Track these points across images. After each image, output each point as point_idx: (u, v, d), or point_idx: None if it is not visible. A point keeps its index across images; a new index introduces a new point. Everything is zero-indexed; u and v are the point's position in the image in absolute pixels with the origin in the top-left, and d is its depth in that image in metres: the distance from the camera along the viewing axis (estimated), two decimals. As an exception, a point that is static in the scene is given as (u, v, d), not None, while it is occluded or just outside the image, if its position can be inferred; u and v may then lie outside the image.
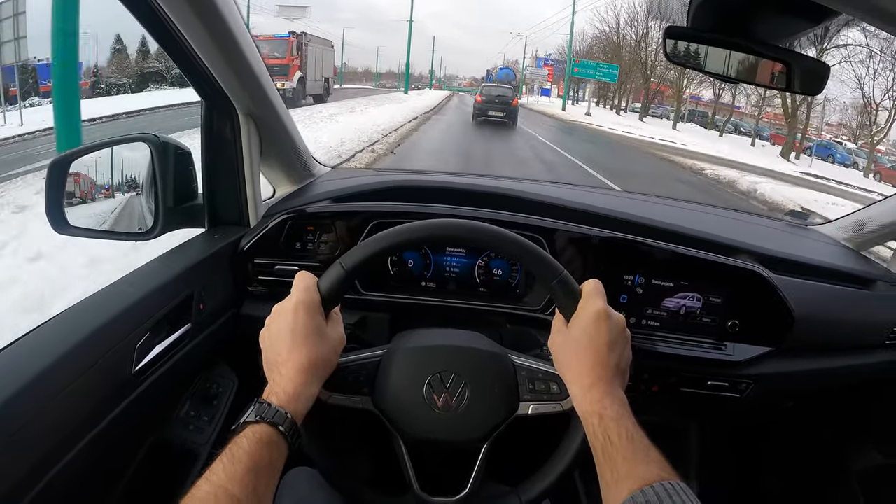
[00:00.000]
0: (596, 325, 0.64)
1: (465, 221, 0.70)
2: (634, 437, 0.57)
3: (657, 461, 0.55)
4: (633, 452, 0.56)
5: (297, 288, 0.65)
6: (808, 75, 0.82)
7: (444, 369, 0.69)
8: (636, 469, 0.54)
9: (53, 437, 0.61)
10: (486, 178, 1.42)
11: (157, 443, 0.85)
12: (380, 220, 0.97)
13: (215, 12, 0.75)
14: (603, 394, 0.61)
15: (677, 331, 0.97)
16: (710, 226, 1.12)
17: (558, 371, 0.68)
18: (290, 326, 0.63)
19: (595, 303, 0.65)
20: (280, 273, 0.97)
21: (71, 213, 0.91)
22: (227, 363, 0.99)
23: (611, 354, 0.63)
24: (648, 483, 0.52)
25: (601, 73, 29.68)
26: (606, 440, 0.58)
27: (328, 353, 0.64)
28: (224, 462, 0.53)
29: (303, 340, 0.62)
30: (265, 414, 0.57)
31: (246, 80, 0.88)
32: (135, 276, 0.84)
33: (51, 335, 0.69)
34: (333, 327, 0.67)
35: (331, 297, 0.66)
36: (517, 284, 1.02)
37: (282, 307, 0.65)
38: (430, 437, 0.69)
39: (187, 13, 0.73)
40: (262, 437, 0.55)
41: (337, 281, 0.66)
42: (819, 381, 1.07)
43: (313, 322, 0.63)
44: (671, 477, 0.53)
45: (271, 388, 0.61)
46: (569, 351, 0.65)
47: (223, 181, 0.97)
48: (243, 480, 0.51)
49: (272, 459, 0.56)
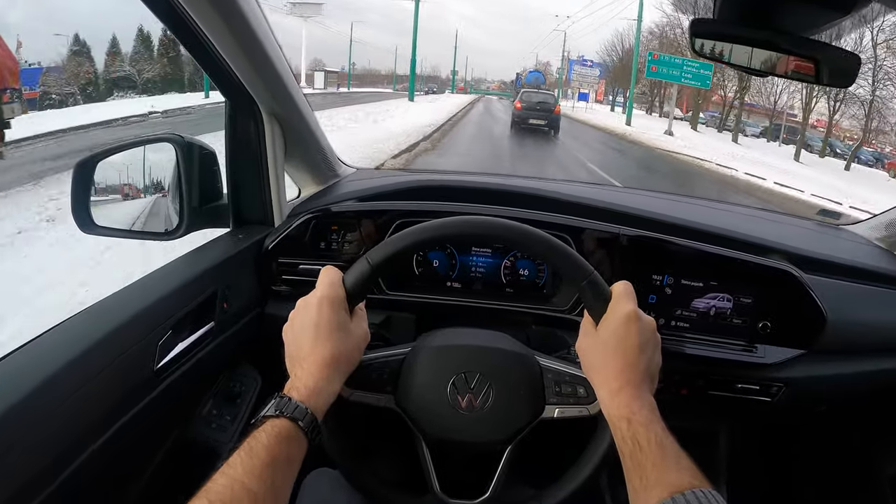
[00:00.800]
0: (626, 328, 0.62)
1: (493, 219, 0.69)
2: (664, 442, 0.56)
3: (688, 468, 0.54)
4: (662, 458, 0.54)
5: (323, 282, 0.65)
6: (837, 68, 0.80)
7: (469, 369, 0.68)
8: (666, 476, 0.53)
9: (74, 433, 0.61)
10: (511, 177, 1.41)
11: (180, 440, 0.85)
12: (405, 219, 0.96)
13: (239, 13, 0.76)
14: (631, 398, 0.60)
15: (707, 332, 0.95)
16: (740, 225, 1.10)
17: (586, 374, 0.66)
18: (313, 321, 0.62)
19: (625, 305, 0.64)
20: (304, 272, 0.97)
21: (96, 213, 0.92)
22: (250, 362, 0.99)
23: (640, 358, 0.62)
24: (679, 490, 0.50)
25: (689, 74, 20.43)
26: (635, 445, 0.56)
27: (351, 349, 0.64)
28: (242, 456, 0.52)
29: (326, 335, 0.62)
30: (285, 408, 0.57)
31: (269, 81, 0.89)
32: (158, 274, 0.84)
33: (73, 331, 0.69)
34: (358, 323, 0.66)
35: (356, 293, 0.66)
36: (544, 285, 1.01)
37: (306, 301, 0.65)
38: (453, 437, 0.68)
39: (211, 14, 0.74)
40: (281, 431, 0.55)
41: (363, 276, 0.66)
42: (851, 385, 1.03)
43: (337, 317, 0.63)
44: (702, 484, 0.51)
45: (292, 382, 0.60)
46: (597, 354, 0.64)
47: (247, 181, 0.98)
48: (261, 475, 0.51)
49: (290, 454, 0.55)
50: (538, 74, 40.20)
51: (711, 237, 1.00)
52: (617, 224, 0.98)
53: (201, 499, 0.48)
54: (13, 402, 0.56)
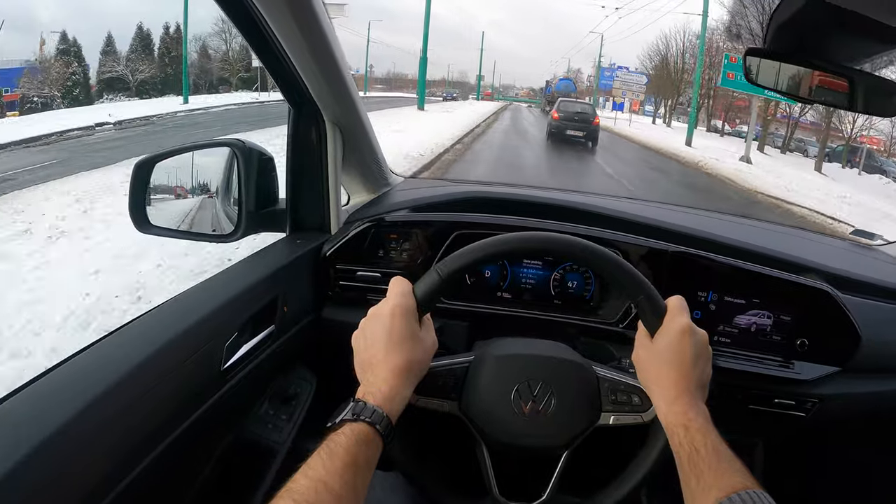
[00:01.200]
0: (680, 341, 0.66)
1: (556, 235, 0.72)
2: (719, 447, 0.59)
3: (741, 471, 0.57)
4: (718, 462, 0.58)
5: (394, 292, 0.67)
6: (874, 95, 0.84)
7: (532, 377, 0.71)
8: (722, 478, 0.56)
9: (144, 431, 0.63)
10: (559, 191, 1.43)
11: (238, 439, 0.86)
12: (462, 230, 0.99)
13: (314, 23, 0.78)
14: (687, 406, 0.63)
15: (747, 347, 0.98)
16: (779, 243, 1.13)
17: (642, 384, 0.69)
18: (386, 329, 0.65)
19: (680, 319, 0.67)
20: (362, 279, 0.99)
21: (152, 213, 0.94)
22: (305, 365, 1.01)
23: (694, 369, 0.65)
24: (734, 491, 0.53)
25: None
26: (693, 450, 0.59)
27: (422, 357, 0.66)
28: (322, 457, 0.54)
29: (399, 343, 0.64)
30: (363, 413, 0.59)
31: (335, 89, 0.91)
32: (223, 276, 0.86)
33: (149, 327, 0.72)
34: (427, 332, 0.68)
35: (426, 303, 0.68)
36: (591, 297, 1.03)
37: (378, 310, 0.67)
38: (515, 442, 0.71)
39: (289, 25, 0.76)
40: (360, 435, 0.57)
41: (433, 287, 0.68)
42: (884, 403, 1.06)
43: (409, 326, 0.65)
44: (755, 486, 0.54)
45: (366, 388, 0.63)
46: (654, 365, 0.67)
47: (307, 187, 1.00)
48: (343, 476, 0.53)
49: (368, 457, 0.57)
50: (569, 82, 38.98)
51: (752, 255, 1.02)
52: (663, 240, 1.00)
53: (285, 499, 0.50)
54: (86, 401, 0.57)
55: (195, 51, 28.69)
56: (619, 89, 30.22)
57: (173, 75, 25.32)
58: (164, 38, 26.85)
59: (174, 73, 25.29)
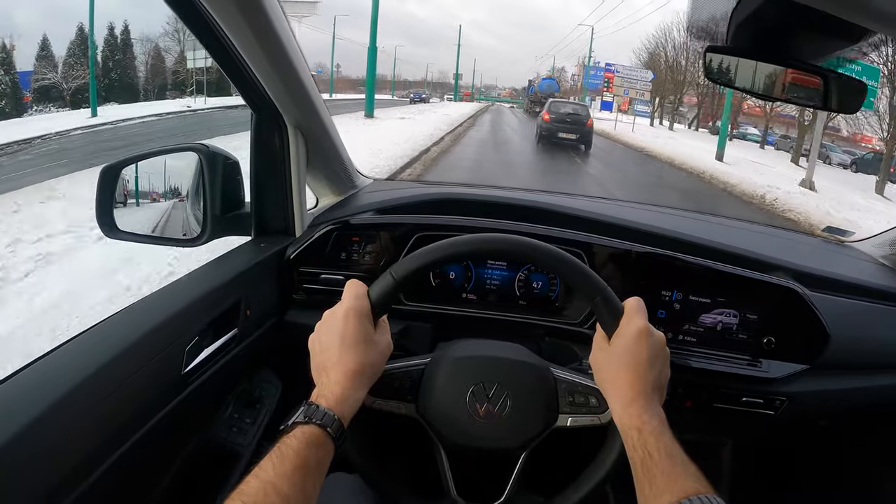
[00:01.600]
0: (637, 343, 0.65)
1: (511, 237, 0.72)
2: (673, 451, 0.59)
3: (695, 475, 0.56)
4: (671, 466, 0.57)
5: (348, 295, 0.67)
6: (849, 93, 0.83)
7: (487, 379, 0.71)
8: (674, 483, 0.55)
9: (105, 434, 0.63)
10: (525, 192, 1.43)
11: (202, 443, 0.87)
12: (423, 232, 0.99)
13: (269, 28, 0.78)
14: (642, 409, 0.62)
15: (713, 346, 0.98)
16: (747, 242, 1.12)
17: (599, 386, 0.69)
18: (340, 332, 0.65)
19: (637, 321, 0.66)
20: (325, 282, 0.99)
21: (120, 218, 0.94)
22: (270, 368, 1.01)
23: (650, 371, 0.65)
24: (686, 496, 0.53)
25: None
26: (646, 454, 0.59)
27: (376, 359, 0.66)
28: (273, 460, 0.54)
29: (352, 346, 0.64)
30: (314, 415, 0.59)
31: (295, 93, 0.91)
32: (186, 280, 0.87)
33: (107, 334, 0.72)
34: (381, 334, 0.68)
35: (380, 305, 0.68)
36: (556, 298, 1.03)
37: (333, 313, 0.67)
38: (471, 444, 0.71)
39: (242, 29, 0.76)
40: (311, 437, 0.57)
41: (387, 289, 0.68)
42: (854, 400, 1.06)
43: (363, 328, 0.65)
44: (708, 490, 0.54)
45: (320, 390, 0.63)
46: (610, 367, 0.67)
47: (271, 191, 1.00)
48: (292, 478, 0.53)
49: (319, 459, 0.57)
50: (552, 81, 37.27)
51: (719, 254, 1.02)
52: (628, 240, 1.00)
53: (235, 500, 0.51)
54: (48, 404, 0.58)
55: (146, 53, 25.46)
56: (620, 87, 25.46)
57: (118, 81, 23.83)
58: (109, 40, 23.99)
59: (119, 79, 23.34)
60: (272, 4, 0.77)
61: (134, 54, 22.43)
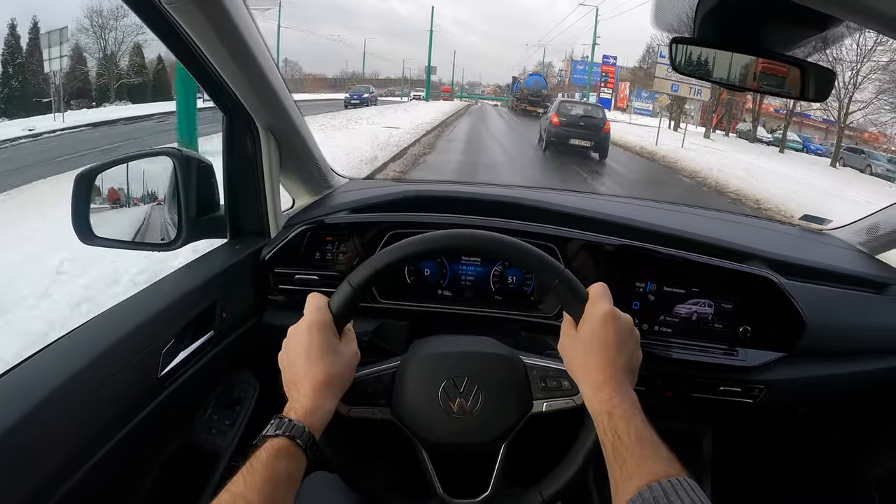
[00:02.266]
0: (603, 326, 0.66)
1: (464, 231, 0.72)
2: (643, 434, 0.59)
3: (665, 458, 0.57)
4: (641, 450, 0.58)
5: (310, 309, 0.68)
6: (818, 82, 0.83)
7: (456, 374, 0.71)
8: (644, 466, 0.56)
9: (82, 440, 0.64)
10: (500, 187, 1.44)
11: (182, 446, 0.88)
12: (396, 230, 0.99)
13: (234, 30, 0.78)
14: (612, 392, 0.63)
15: (690, 337, 0.98)
16: (722, 232, 1.13)
17: (570, 373, 0.69)
18: (304, 346, 0.66)
19: (602, 305, 0.67)
20: (300, 282, 1.00)
21: (96, 224, 0.95)
22: (248, 369, 1.02)
23: (619, 354, 0.65)
24: (656, 479, 0.53)
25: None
26: (616, 438, 0.59)
27: (343, 369, 0.67)
28: (244, 473, 0.56)
29: (318, 358, 0.65)
30: (284, 428, 0.60)
31: (264, 95, 0.92)
32: (161, 284, 0.87)
33: (81, 341, 0.72)
34: (347, 344, 0.69)
35: (342, 315, 0.69)
36: (531, 292, 1.04)
37: (296, 329, 0.68)
38: (449, 441, 0.71)
39: (206, 32, 0.77)
40: (280, 449, 0.59)
41: (346, 299, 0.69)
42: (833, 387, 1.06)
43: (326, 340, 0.66)
44: (678, 473, 0.54)
45: (291, 404, 0.64)
46: (578, 352, 0.67)
47: (244, 193, 1.00)
48: (262, 490, 0.54)
49: (290, 471, 0.58)
50: (539, 78, 35.59)
51: (693, 245, 1.03)
52: (601, 233, 1.01)
53: None
54: (23, 412, 0.58)
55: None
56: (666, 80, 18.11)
57: (19, 89, 19.44)
58: (9, 41, 20.37)
59: (20, 87, 19.52)
60: (237, 6, 0.77)
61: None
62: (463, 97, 66.70)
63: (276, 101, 0.94)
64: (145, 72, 22.41)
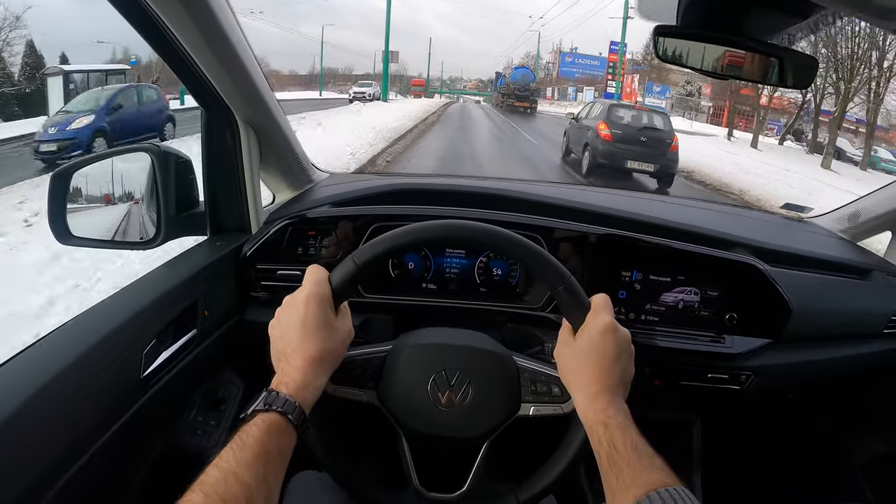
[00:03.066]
0: (603, 338, 0.65)
1: (473, 223, 0.71)
2: (638, 445, 0.59)
3: (661, 468, 0.57)
4: (637, 460, 0.57)
5: (309, 280, 0.66)
6: (799, 69, 0.83)
7: (449, 367, 0.70)
8: (640, 476, 0.56)
9: (63, 443, 0.62)
10: (482, 179, 1.43)
11: (167, 448, 0.86)
12: (380, 223, 0.98)
13: (213, 23, 0.77)
14: (607, 403, 0.63)
15: (676, 325, 0.99)
16: (707, 220, 1.13)
17: (563, 380, 0.69)
18: (300, 318, 0.64)
19: (603, 316, 0.66)
20: (282, 278, 0.98)
21: (73, 224, 0.92)
22: (232, 368, 1.00)
23: (615, 367, 0.65)
24: (653, 489, 0.53)
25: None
26: (612, 448, 0.59)
27: (337, 346, 0.65)
28: (234, 449, 0.54)
29: (313, 332, 0.63)
30: (274, 402, 0.58)
31: (244, 89, 0.90)
32: (140, 283, 0.85)
33: (60, 343, 0.70)
34: (342, 320, 0.68)
35: (341, 291, 0.67)
36: (517, 284, 1.04)
37: (293, 298, 0.66)
38: (432, 433, 0.70)
39: (186, 24, 0.75)
40: (272, 424, 0.57)
41: (348, 275, 0.67)
42: (819, 372, 1.08)
43: (324, 314, 0.64)
44: (675, 483, 0.54)
45: (280, 377, 0.62)
46: (575, 362, 0.67)
47: (224, 189, 0.98)
48: (253, 466, 0.52)
49: (281, 447, 0.57)
50: (525, 70, 32.40)
51: (678, 233, 1.03)
52: (586, 223, 1.00)
53: (196, 491, 0.50)
54: (4, 416, 0.56)
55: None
56: None
57: None
58: None
59: None
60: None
61: None
62: (443, 93, 63.42)
63: (256, 95, 0.92)
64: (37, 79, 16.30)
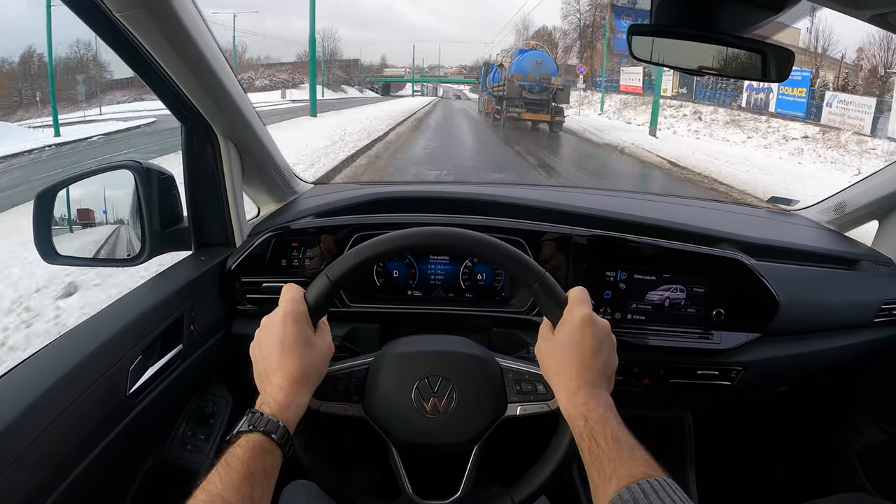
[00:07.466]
0: (581, 331, 0.65)
1: (446, 229, 0.71)
2: (619, 437, 0.59)
3: (642, 459, 0.57)
4: (618, 452, 0.57)
5: (285, 299, 0.67)
6: (778, 62, 0.84)
7: (431, 374, 0.70)
8: (622, 468, 0.56)
9: (51, 463, 0.62)
10: (465, 185, 1.44)
11: (157, 463, 0.86)
12: (362, 232, 0.98)
13: (187, 37, 0.77)
14: (588, 397, 0.63)
15: (663, 323, 0.98)
16: (691, 217, 1.13)
17: (545, 376, 0.69)
18: (279, 337, 0.64)
19: (580, 309, 0.66)
20: (268, 290, 0.98)
21: (59, 243, 0.92)
22: (221, 382, 1.00)
23: (596, 359, 0.65)
24: (634, 480, 0.53)
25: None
26: (592, 442, 0.59)
27: (317, 362, 0.66)
28: (220, 471, 0.54)
29: (292, 350, 0.64)
30: (258, 423, 0.58)
31: (223, 104, 0.90)
32: (125, 300, 0.85)
33: (45, 362, 0.70)
34: (322, 337, 0.68)
35: (318, 308, 0.67)
36: (501, 288, 1.04)
37: (270, 319, 0.66)
38: (421, 441, 0.70)
39: (160, 41, 0.75)
40: (256, 445, 0.57)
41: (323, 291, 0.67)
42: (809, 363, 1.07)
43: (302, 332, 0.65)
44: (656, 473, 0.54)
45: (263, 398, 0.62)
46: (555, 357, 0.67)
47: (207, 203, 0.99)
48: (239, 488, 0.53)
49: (266, 467, 0.57)
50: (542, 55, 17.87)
51: (662, 231, 1.03)
52: (570, 224, 1.00)
53: None
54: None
55: None
56: None
57: None
58: None
59: None
60: (190, 13, 0.75)
61: None
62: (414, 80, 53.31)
63: (235, 109, 0.92)
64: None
